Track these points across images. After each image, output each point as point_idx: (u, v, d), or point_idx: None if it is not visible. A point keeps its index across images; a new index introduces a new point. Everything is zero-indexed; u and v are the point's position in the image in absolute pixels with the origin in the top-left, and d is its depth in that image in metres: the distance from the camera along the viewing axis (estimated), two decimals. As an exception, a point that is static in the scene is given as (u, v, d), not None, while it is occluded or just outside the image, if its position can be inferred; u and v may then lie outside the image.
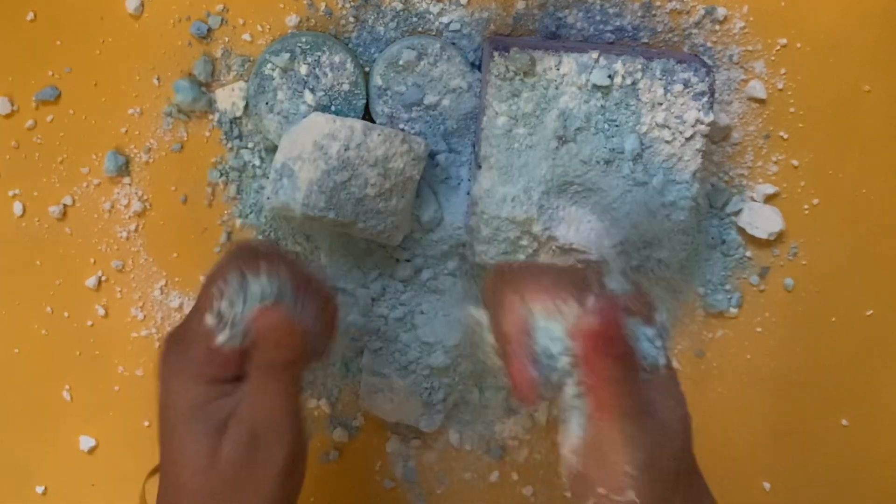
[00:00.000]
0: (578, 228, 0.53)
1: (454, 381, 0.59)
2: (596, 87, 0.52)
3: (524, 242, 0.54)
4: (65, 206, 0.59)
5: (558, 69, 0.53)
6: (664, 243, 0.54)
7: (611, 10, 0.56)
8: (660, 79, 0.52)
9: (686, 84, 0.52)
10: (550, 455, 0.62)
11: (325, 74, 0.54)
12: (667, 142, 0.53)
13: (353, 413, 0.62)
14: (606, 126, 0.53)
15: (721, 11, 0.56)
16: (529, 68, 0.52)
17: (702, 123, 0.53)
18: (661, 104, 0.53)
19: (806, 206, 0.59)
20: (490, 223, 0.53)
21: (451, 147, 0.55)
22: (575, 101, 0.53)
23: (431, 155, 0.56)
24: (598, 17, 0.56)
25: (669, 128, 0.53)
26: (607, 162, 0.53)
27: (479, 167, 0.54)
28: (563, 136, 0.53)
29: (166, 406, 0.46)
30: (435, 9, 0.55)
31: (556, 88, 0.53)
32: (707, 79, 0.52)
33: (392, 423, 0.62)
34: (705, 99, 0.53)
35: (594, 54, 0.52)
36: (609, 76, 0.52)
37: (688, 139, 0.53)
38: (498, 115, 0.53)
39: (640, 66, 0.52)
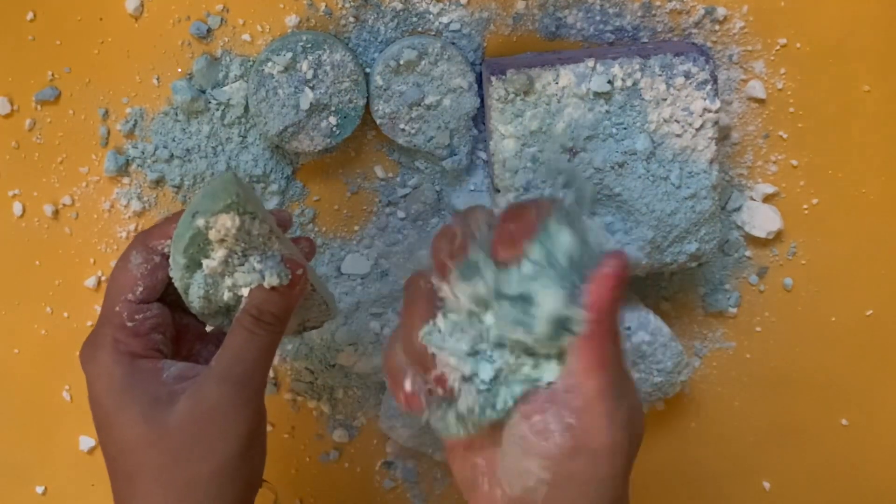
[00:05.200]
0: (607, 234, 0.53)
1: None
2: (597, 94, 0.52)
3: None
4: (64, 206, 0.59)
5: (557, 83, 0.53)
6: (692, 236, 0.54)
7: (611, 10, 0.56)
8: (660, 75, 0.52)
9: (687, 75, 0.52)
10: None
11: (326, 73, 0.54)
12: (677, 135, 0.53)
13: (353, 413, 0.62)
14: (615, 130, 0.53)
15: (721, 11, 0.56)
16: (528, 87, 0.52)
17: (709, 111, 0.53)
18: (665, 100, 0.53)
19: (805, 206, 0.59)
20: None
21: (452, 147, 0.56)
22: (579, 111, 0.53)
23: (434, 157, 0.56)
24: (598, 17, 0.56)
25: (678, 121, 0.53)
26: (621, 165, 0.53)
27: (497, 192, 0.54)
28: (573, 147, 0.53)
29: (92, 399, 0.44)
30: (435, 9, 0.55)
31: (559, 102, 0.53)
32: (707, 66, 0.52)
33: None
34: (709, 87, 0.53)
35: (590, 62, 0.52)
36: (608, 81, 0.52)
37: (698, 129, 0.53)
38: (505, 137, 0.53)
39: (637, 66, 0.52)
